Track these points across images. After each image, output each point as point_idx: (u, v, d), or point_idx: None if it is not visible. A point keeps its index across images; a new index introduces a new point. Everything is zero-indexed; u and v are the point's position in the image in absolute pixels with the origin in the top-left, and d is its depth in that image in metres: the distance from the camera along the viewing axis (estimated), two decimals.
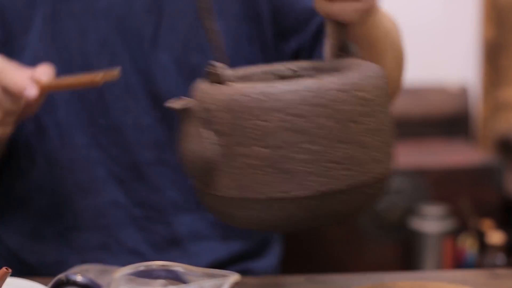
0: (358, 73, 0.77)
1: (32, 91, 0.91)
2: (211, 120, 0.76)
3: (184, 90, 0.83)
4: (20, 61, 0.98)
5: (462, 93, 2.35)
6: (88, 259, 1.07)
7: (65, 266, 1.08)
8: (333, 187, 0.74)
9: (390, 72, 1.00)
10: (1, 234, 1.14)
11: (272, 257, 1.18)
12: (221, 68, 0.78)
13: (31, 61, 0.99)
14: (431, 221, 2.00)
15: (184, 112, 0.77)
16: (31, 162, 1.09)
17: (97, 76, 0.85)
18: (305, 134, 0.74)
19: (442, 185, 2.05)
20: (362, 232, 2.05)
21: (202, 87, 0.79)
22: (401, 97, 2.29)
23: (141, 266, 0.67)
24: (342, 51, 0.85)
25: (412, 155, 2.15)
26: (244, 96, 0.75)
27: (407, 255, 2.04)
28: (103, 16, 1.05)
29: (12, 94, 0.92)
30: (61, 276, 0.68)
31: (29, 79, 0.92)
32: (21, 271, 0.91)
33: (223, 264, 1.08)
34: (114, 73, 0.86)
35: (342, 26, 0.84)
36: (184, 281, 0.67)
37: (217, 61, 0.80)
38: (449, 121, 2.33)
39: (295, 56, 1.06)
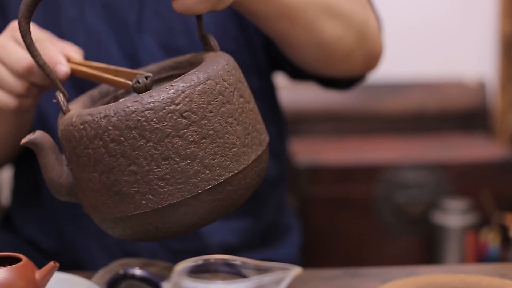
0: (183, 82, 0.76)
1: (63, 68, 0.90)
2: (62, 148, 0.80)
3: None
4: None
5: (480, 88, 2.35)
6: (104, 243, 1.09)
7: (82, 250, 1.10)
8: (166, 202, 0.75)
9: (334, 38, 1.02)
10: (18, 223, 1.16)
11: (291, 247, 1.19)
12: (61, 98, 0.81)
13: None
14: (454, 215, 2.00)
15: (32, 146, 0.80)
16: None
17: (131, 83, 0.84)
18: (124, 157, 0.74)
19: (463, 179, 2.05)
20: (384, 226, 2.05)
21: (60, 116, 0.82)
22: (419, 91, 2.31)
23: (200, 260, 0.68)
24: (205, 43, 0.86)
25: (432, 150, 2.15)
26: (71, 126, 0.77)
27: (429, 249, 2.04)
28: (88, 5, 1.07)
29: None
30: (119, 270, 0.69)
31: (61, 54, 0.91)
32: (38, 259, 0.92)
33: (234, 247, 1.10)
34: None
35: (197, 19, 0.86)
36: (242, 275, 0.68)
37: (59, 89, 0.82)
38: (467, 115, 2.33)
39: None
